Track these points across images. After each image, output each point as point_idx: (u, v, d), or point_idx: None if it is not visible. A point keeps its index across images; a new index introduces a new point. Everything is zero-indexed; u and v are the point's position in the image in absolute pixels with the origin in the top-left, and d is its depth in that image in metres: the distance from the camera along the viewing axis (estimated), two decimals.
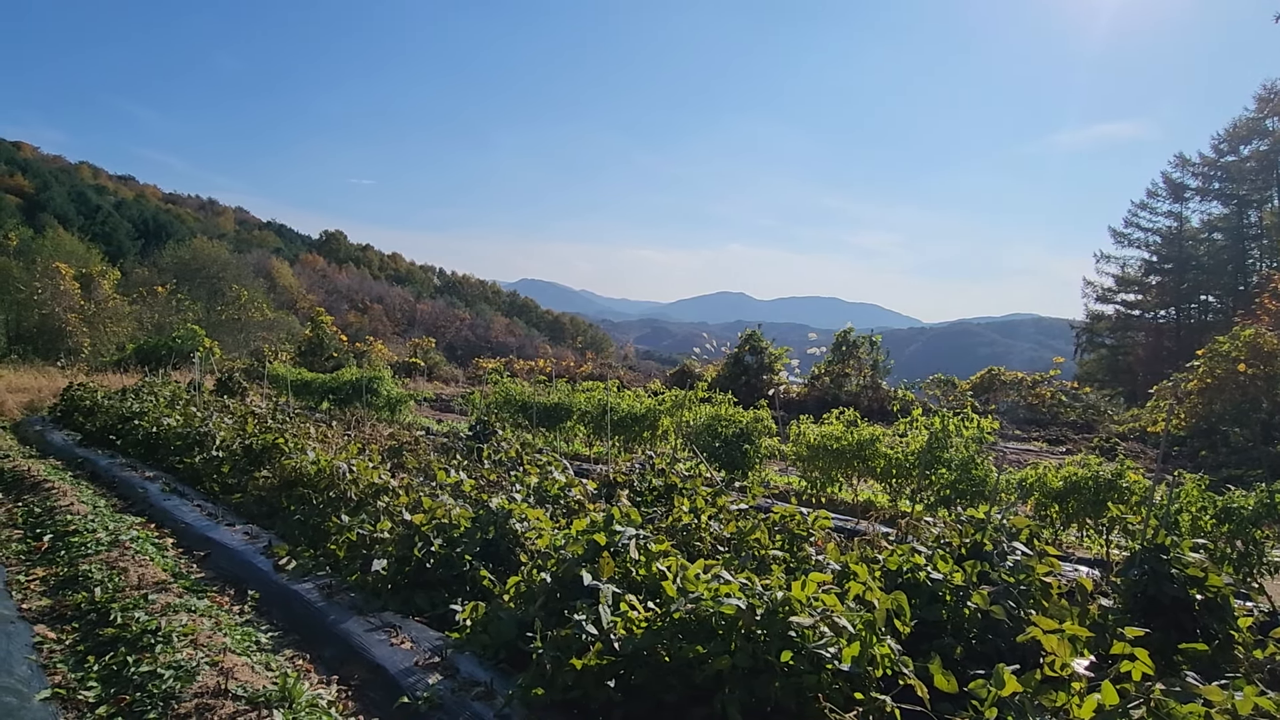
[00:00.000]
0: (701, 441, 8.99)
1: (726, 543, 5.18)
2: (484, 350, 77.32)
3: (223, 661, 3.51)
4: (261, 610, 4.56)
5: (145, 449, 9.50)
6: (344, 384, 17.44)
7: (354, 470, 6.16)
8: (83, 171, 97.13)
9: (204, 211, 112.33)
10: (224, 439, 8.56)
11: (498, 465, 7.42)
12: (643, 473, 6.77)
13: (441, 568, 4.70)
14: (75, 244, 41.91)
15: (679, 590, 3.56)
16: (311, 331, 32.89)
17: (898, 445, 8.15)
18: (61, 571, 4.96)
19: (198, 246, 51.88)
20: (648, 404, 11.00)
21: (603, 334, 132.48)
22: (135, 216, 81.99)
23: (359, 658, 3.82)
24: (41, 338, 30.18)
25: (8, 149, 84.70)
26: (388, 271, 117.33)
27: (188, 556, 5.61)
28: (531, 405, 11.99)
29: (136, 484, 7.75)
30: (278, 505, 6.63)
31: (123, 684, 3.39)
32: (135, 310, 35.18)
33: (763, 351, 25.63)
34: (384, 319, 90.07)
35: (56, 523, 5.99)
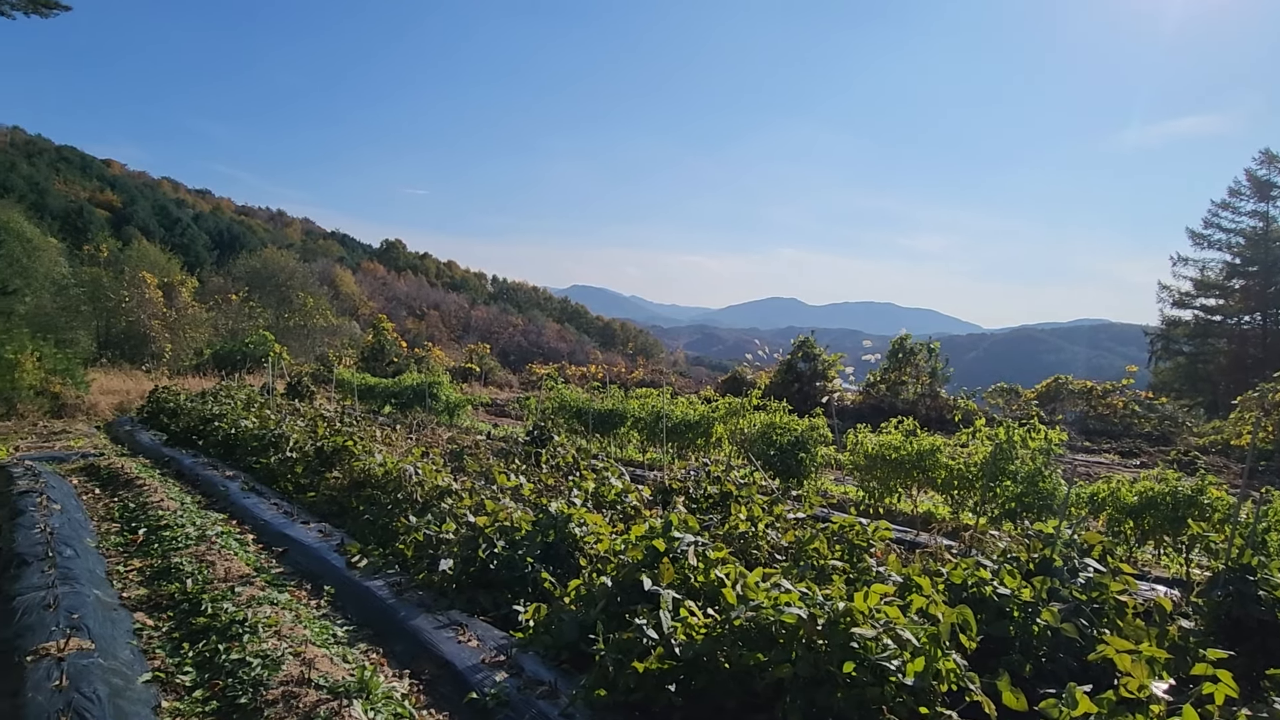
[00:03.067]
0: (756, 449, 8.96)
1: (784, 551, 5.18)
2: (536, 355, 78.61)
3: (304, 652, 3.71)
4: (337, 605, 4.79)
5: (225, 449, 10.05)
6: (405, 389, 18.04)
7: (420, 473, 6.40)
8: (164, 186, 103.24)
9: (273, 222, 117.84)
10: (296, 441, 8.99)
11: (555, 470, 7.58)
12: (698, 480, 6.82)
13: (504, 569, 4.85)
14: (158, 254, 44.54)
15: (739, 598, 3.59)
16: (373, 337, 34.09)
17: (959, 456, 7.95)
18: (156, 563, 5.32)
19: (268, 256, 54.44)
20: (701, 411, 11.01)
21: (653, 340, 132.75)
22: (211, 228, 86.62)
23: (429, 654, 3.98)
24: (128, 343, 32.17)
25: (99, 166, 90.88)
26: (444, 278, 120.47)
27: (267, 552, 5.93)
28: (586, 411, 12.16)
29: (218, 482, 8.21)
30: (347, 505, 6.95)
31: (215, 670, 3.63)
32: (211, 317, 37.15)
33: (816, 358, 25.28)
34: (440, 325, 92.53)
35: (149, 517, 6.41)
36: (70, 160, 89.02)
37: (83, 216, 65.82)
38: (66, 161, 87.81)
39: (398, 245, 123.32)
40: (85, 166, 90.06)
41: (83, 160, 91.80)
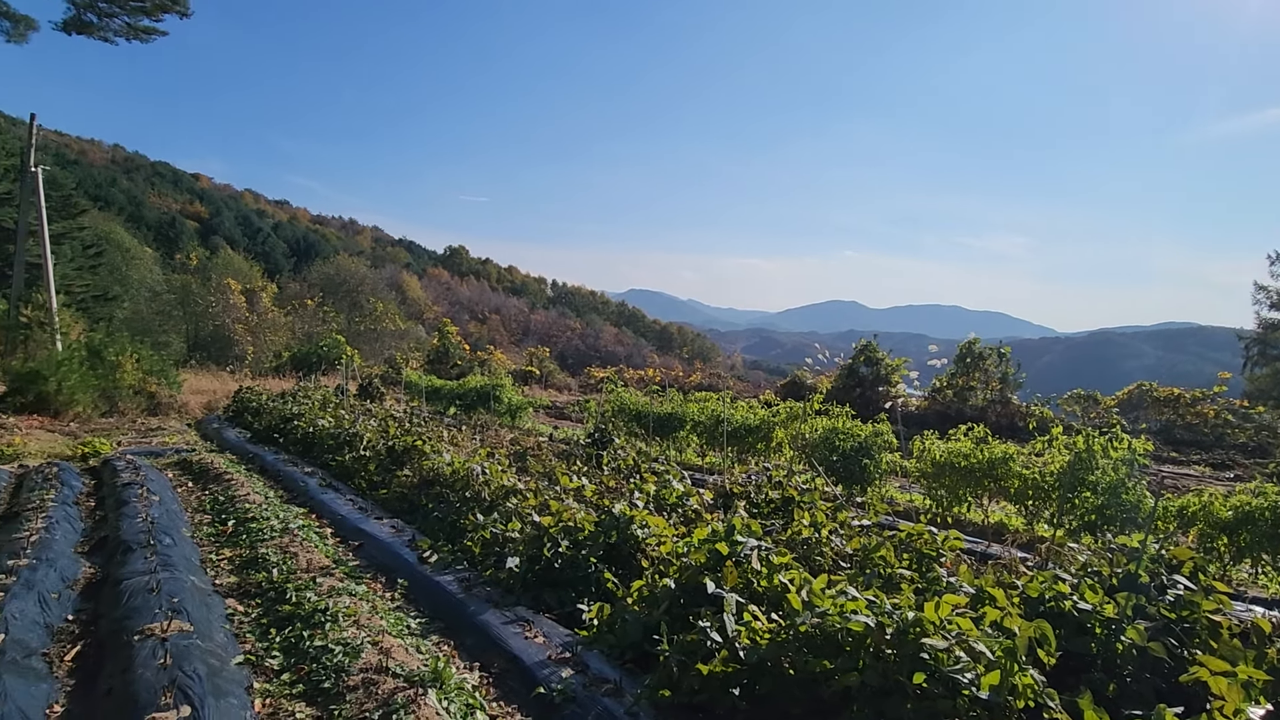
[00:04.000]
0: (818, 455, 8.82)
1: (849, 559, 5.10)
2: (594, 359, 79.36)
3: (381, 642, 3.89)
4: (409, 598, 4.98)
5: (303, 447, 10.57)
6: (470, 391, 18.55)
7: (486, 473, 6.59)
8: (246, 198, 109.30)
9: (345, 230, 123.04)
10: (369, 440, 9.38)
11: (616, 472, 7.66)
12: (759, 485, 6.77)
13: (568, 568, 4.95)
14: (241, 262, 47.24)
15: (804, 603, 3.56)
16: (438, 341, 35.20)
17: (1034, 465, 7.62)
18: (244, 553, 5.65)
19: (340, 263, 56.96)
20: (761, 415, 10.92)
21: (710, 343, 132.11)
22: (289, 236, 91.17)
23: (497, 648, 4.10)
24: (214, 345, 34.23)
25: (189, 180, 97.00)
26: (504, 283, 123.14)
27: (344, 545, 6.21)
28: (645, 414, 12.23)
29: (298, 478, 8.64)
30: (417, 502, 7.21)
31: (300, 655, 3.84)
32: (289, 321, 39.12)
33: (878, 362, 24.68)
34: (501, 328, 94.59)
35: (237, 510, 6.82)
36: (164, 175, 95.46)
37: (174, 227, 70.40)
38: (160, 176, 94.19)
39: (461, 251, 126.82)
40: (177, 180, 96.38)
41: (175, 175, 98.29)
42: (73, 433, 12.44)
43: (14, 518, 6.32)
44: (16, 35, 17.50)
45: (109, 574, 4.94)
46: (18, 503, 6.96)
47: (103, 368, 15.06)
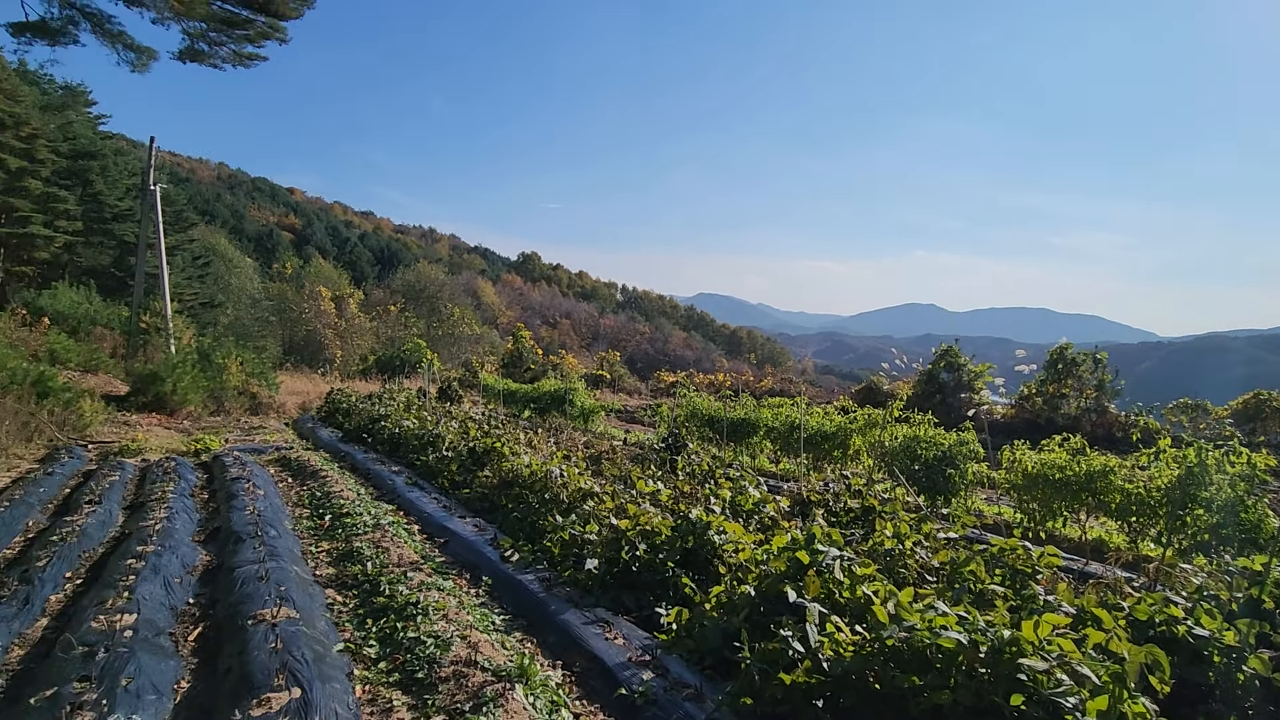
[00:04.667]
0: (899, 464, 8.55)
1: (934, 572, 4.92)
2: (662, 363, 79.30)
3: (469, 636, 4.04)
4: (493, 595, 5.15)
5: (390, 446, 11.09)
6: (544, 394, 18.97)
7: (564, 476, 6.73)
8: (335, 210, 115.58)
9: (425, 239, 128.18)
10: (451, 441, 9.75)
11: (690, 477, 7.67)
12: (837, 493, 6.63)
13: (645, 571, 5.00)
14: (330, 271, 50.01)
15: (891, 617, 3.48)
16: (513, 345, 36.16)
17: (1138, 479, 7.13)
18: (340, 546, 5.98)
19: (420, 270, 59.37)
20: (838, 422, 10.67)
21: (780, 348, 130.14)
22: (373, 245, 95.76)
23: (578, 647, 4.19)
24: (307, 349, 36.34)
25: (284, 194, 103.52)
26: (575, 288, 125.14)
27: (430, 542, 6.48)
28: (718, 419, 12.18)
29: (386, 476, 9.07)
30: (497, 502, 7.43)
31: (395, 645, 4.03)
32: (374, 326, 41.10)
33: (960, 368, 23.66)
34: (571, 333, 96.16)
35: (333, 505, 7.22)
36: (262, 190, 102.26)
37: (272, 238, 75.18)
38: (259, 191, 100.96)
39: (534, 258, 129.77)
40: (274, 195, 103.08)
41: (272, 189, 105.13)
42: (186, 430, 13.48)
43: (140, 507, 6.92)
44: (140, 65, 19.17)
45: (223, 562, 5.33)
46: (143, 494, 7.61)
47: (211, 370, 16.26)
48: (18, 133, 26.33)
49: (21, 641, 4.00)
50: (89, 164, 30.44)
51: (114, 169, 31.87)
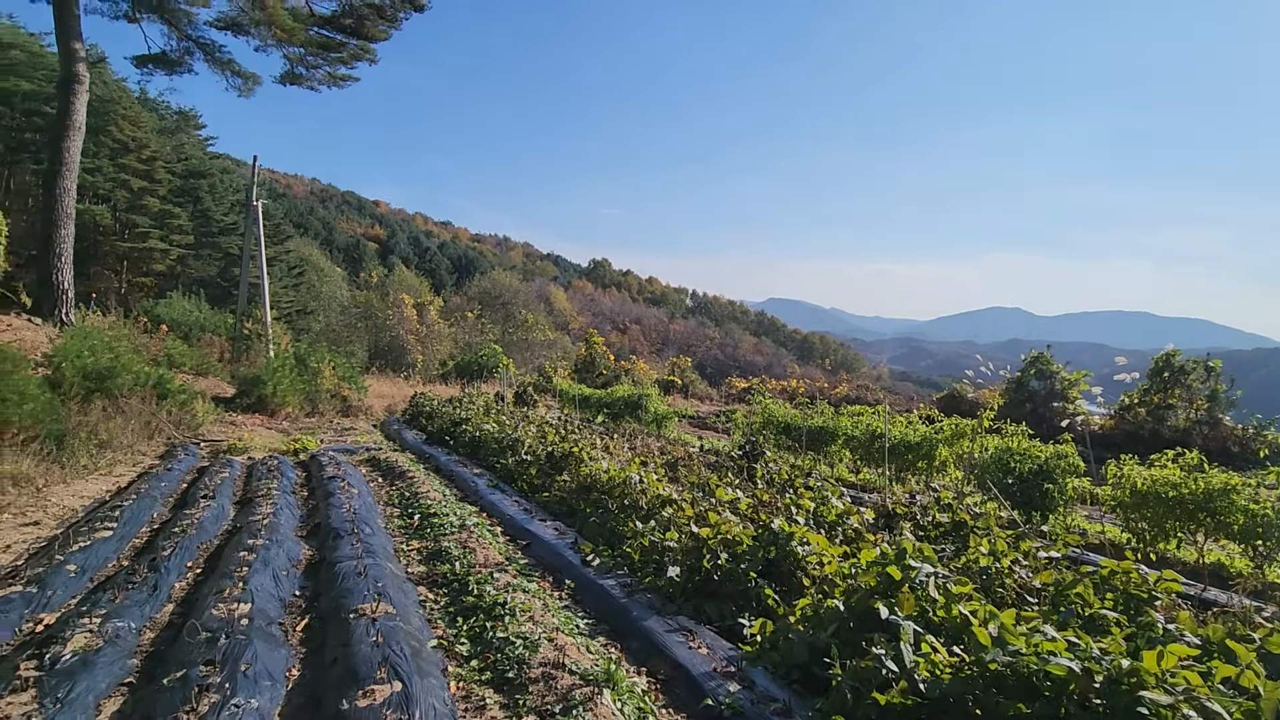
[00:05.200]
0: (991, 477, 8.15)
1: (1036, 594, 4.67)
2: (732, 369, 78.67)
3: (556, 639, 4.11)
4: (576, 599, 5.23)
5: (471, 449, 11.45)
6: (617, 400, 19.15)
7: (643, 482, 6.76)
8: (416, 220, 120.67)
9: (500, 247, 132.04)
10: (529, 445, 9.97)
11: (769, 486, 7.57)
12: (924, 506, 6.39)
13: (727, 581, 4.96)
14: (412, 279, 52.20)
15: (993, 639, 3.32)
16: (585, 351, 36.71)
17: (1264, 499, 6.53)
18: (429, 545, 6.21)
19: (495, 277, 61.18)
20: (922, 432, 10.27)
21: (853, 353, 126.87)
22: (452, 254, 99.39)
23: (662, 655, 4.19)
24: (390, 353, 38.02)
25: (370, 207, 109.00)
26: (644, 294, 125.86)
27: (513, 544, 6.64)
28: (795, 427, 11.96)
29: (468, 478, 9.36)
30: (576, 506, 7.54)
31: (485, 645, 4.15)
32: (452, 331, 42.59)
33: (1052, 376, 22.39)
34: (641, 338, 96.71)
35: (421, 505, 7.51)
36: (350, 203, 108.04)
37: (359, 249, 79.17)
38: (348, 204, 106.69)
39: (604, 264, 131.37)
40: (361, 207, 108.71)
41: (359, 202, 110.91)
42: (285, 430, 14.35)
43: (249, 503, 7.41)
44: (246, 90, 20.68)
45: (324, 557, 5.64)
46: (250, 490, 8.15)
47: (307, 374, 17.26)
48: (139, 155, 28.82)
49: (152, 625, 4.34)
50: (199, 182, 32.95)
51: (220, 186, 34.38)
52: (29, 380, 8.79)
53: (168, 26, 19.69)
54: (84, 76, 16.82)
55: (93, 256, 27.24)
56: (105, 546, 5.61)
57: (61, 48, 16.76)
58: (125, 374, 11.22)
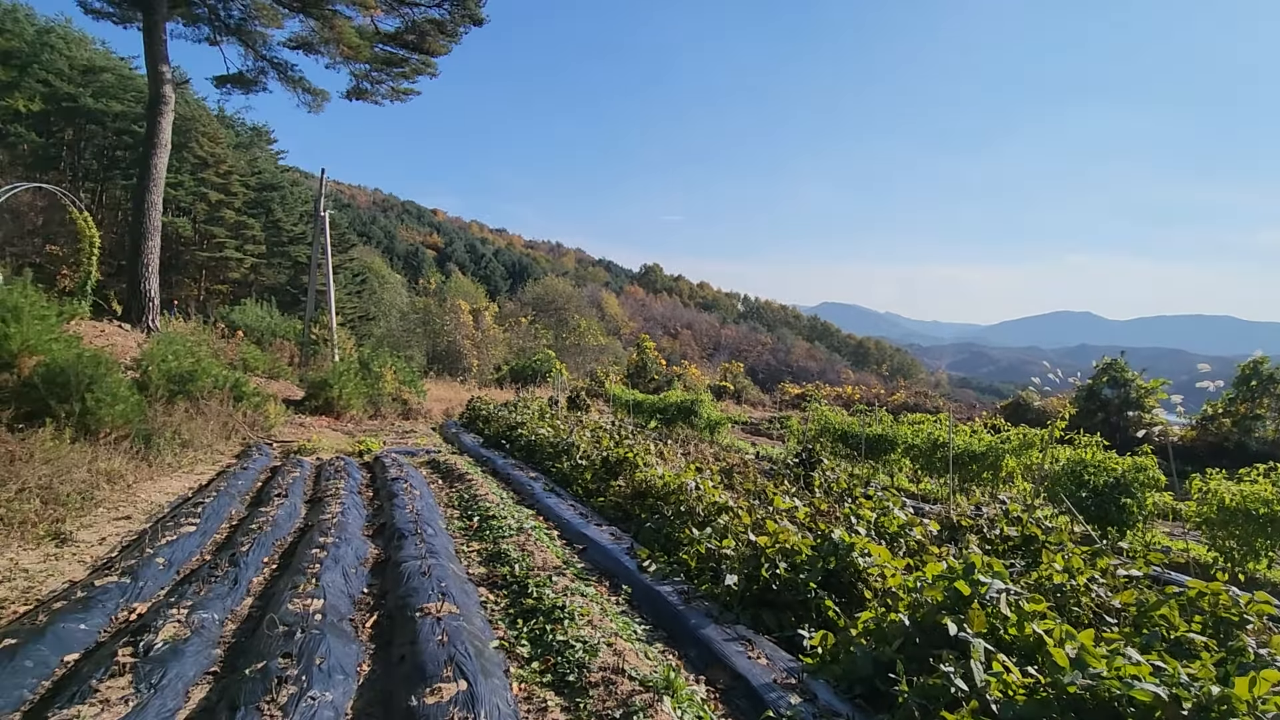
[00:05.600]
0: (1063, 489, 7.80)
1: (1115, 614, 4.45)
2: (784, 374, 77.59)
3: (615, 644, 4.14)
4: (633, 604, 5.25)
5: (526, 453, 11.63)
6: (670, 405, 19.16)
7: (699, 488, 6.75)
8: (472, 228, 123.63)
9: (553, 253, 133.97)
10: (584, 450, 10.07)
11: (826, 495, 7.44)
12: (991, 518, 6.17)
13: (786, 591, 4.90)
14: (468, 285, 53.44)
15: (1071, 661, 3.18)
16: (637, 356, 36.86)
17: None
18: (489, 547, 6.34)
19: (548, 283, 62.06)
20: (987, 441, 9.90)
21: (911, 359, 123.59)
22: (506, 261, 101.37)
23: (720, 664, 4.17)
24: (447, 358, 39.01)
25: (428, 214, 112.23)
26: (696, 299, 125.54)
27: (569, 548, 6.72)
28: (853, 435, 11.72)
29: (524, 482, 9.52)
30: (631, 512, 7.58)
31: (545, 647, 4.21)
32: (506, 337, 43.40)
33: (1127, 384, 21.31)
34: (692, 343, 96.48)
35: (480, 507, 7.68)
36: (410, 212, 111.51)
37: (417, 256, 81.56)
38: (408, 213, 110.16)
39: (655, 269, 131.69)
40: (420, 216, 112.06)
41: (418, 211, 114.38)
42: (349, 432, 14.90)
43: (318, 502, 7.72)
44: (316, 106, 21.65)
45: (389, 556, 5.82)
46: (319, 489, 8.49)
47: (370, 378, 17.88)
48: (217, 170, 30.45)
49: (233, 617, 4.57)
50: (271, 194, 34.59)
51: (290, 198, 36.01)
52: (120, 383, 9.38)
53: (245, 48, 20.79)
54: (170, 97, 17.91)
55: (175, 266, 28.91)
56: (190, 541, 5.94)
57: (150, 71, 17.89)
58: (205, 377, 11.85)
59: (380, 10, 19.80)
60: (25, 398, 8.45)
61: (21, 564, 5.42)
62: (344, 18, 19.70)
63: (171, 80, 18.18)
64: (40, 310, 9.48)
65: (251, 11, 20.02)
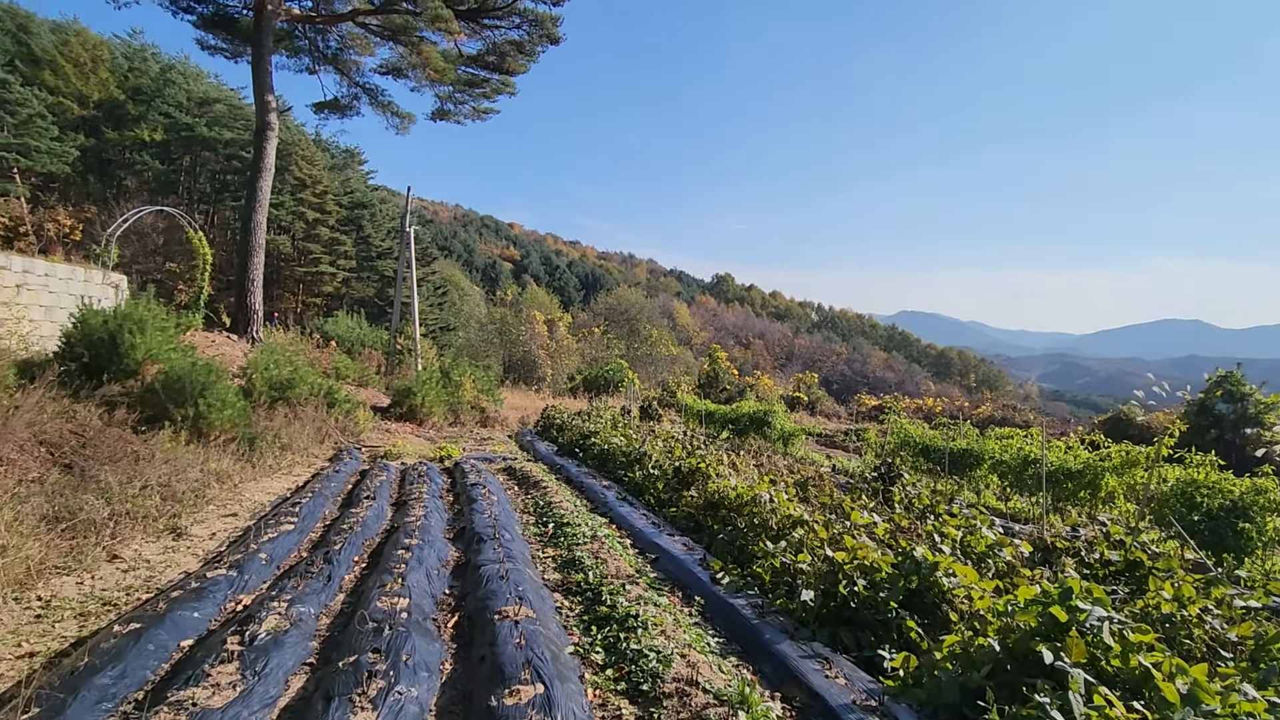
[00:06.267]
0: (1174, 512, 7.22)
1: (1231, 647, 4.09)
2: (860, 385, 75.40)
3: (688, 655, 4.13)
4: (705, 616, 5.22)
5: (599, 461, 11.78)
6: (742, 416, 18.97)
7: (774, 501, 6.65)
8: (547, 241, 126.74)
9: (625, 264, 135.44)
10: (656, 459, 10.10)
11: (907, 510, 7.18)
12: (1091, 541, 5.79)
13: (864, 609, 4.75)
14: (543, 296, 54.74)
15: (1183, 697, 2.95)
16: (709, 366, 36.72)
17: None
18: (563, 554, 6.45)
19: (620, 294, 62.74)
20: (1085, 458, 9.29)
21: (997, 370, 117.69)
22: (580, 272, 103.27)
23: (796, 682, 4.08)
24: (522, 367, 40.02)
25: (505, 228, 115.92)
26: (768, 309, 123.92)
27: (642, 557, 6.75)
28: (935, 449, 11.25)
29: (597, 490, 9.63)
30: (703, 522, 7.54)
31: (619, 655, 4.24)
32: (580, 347, 44.14)
33: (1244, 398, 19.56)
34: (764, 353, 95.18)
35: (554, 514, 7.82)
36: (488, 226, 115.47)
37: (495, 269, 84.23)
38: (486, 227, 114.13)
39: (727, 279, 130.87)
40: (497, 230, 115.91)
41: (496, 225, 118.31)
42: (431, 438, 15.50)
43: (403, 505, 8.07)
44: (403, 128, 22.86)
45: (469, 559, 6.02)
46: (404, 492, 8.88)
47: (450, 386, 18.57)
48: (314, 190, 32.48)
49: (327, 612, 4.84)
50: (361, 212, 36.60)
51: (379, 215, 37.99)
52: (228, 389, 10.13)
53: (340, 75, 22.17)
54: (274, 124, 19.28)
55: (276, 280, 30.97)
56: (288, 539, 6.33)
57: (257, 100, 19.33)
58: (302, 384, 12.63)
59: (463, 35, 20.70)
60: (147, 402, 9.24)
61: (144, 555, 5.92)
62: (430, 43, 20.71)
63: (275, 108, 19.58)
64: (161, 322, 10.37)
65: (347, 41, 21.35)
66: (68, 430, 7.73)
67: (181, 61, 32.80)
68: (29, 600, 4.77)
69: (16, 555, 4.94)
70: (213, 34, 20.58)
